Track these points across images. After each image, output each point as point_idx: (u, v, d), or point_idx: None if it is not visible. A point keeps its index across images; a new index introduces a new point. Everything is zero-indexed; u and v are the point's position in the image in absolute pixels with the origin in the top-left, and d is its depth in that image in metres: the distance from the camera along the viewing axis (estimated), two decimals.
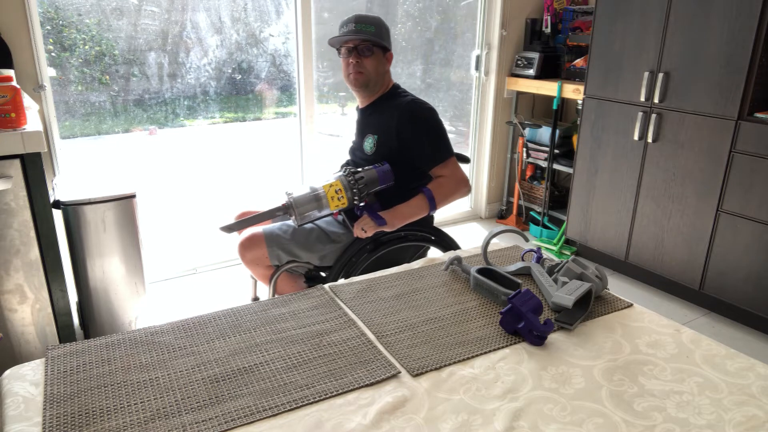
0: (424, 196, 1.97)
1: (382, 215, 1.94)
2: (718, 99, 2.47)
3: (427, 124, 1.99)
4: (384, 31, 2.03)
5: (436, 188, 1.99)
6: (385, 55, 2.05)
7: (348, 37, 1.97)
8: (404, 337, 1.39)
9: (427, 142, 1.98)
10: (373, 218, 1.93)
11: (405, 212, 1.98)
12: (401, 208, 1.98)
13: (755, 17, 2.29)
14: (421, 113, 2.00)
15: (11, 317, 1.87)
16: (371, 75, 2.01)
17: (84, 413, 1.12)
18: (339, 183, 1.89)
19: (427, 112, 2.01)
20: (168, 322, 1.45)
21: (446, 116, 3.94)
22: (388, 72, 2.08)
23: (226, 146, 3.30)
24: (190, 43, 2.91)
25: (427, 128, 1.99)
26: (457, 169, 2.02)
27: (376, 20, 2.02)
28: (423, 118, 1.99)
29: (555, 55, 3.54)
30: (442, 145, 2.01)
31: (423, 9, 3.55)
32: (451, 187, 2.01)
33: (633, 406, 1.16)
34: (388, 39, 2.05)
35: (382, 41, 2.00)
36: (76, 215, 2.05)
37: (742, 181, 2.44)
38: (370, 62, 1.99)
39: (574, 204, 3.25)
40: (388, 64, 2.07)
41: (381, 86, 2.06)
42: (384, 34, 2.03)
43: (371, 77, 2.01)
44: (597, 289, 1.57)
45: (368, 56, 1.98)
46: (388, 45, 2.04)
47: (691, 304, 2.82)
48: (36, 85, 2.42)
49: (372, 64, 2.00)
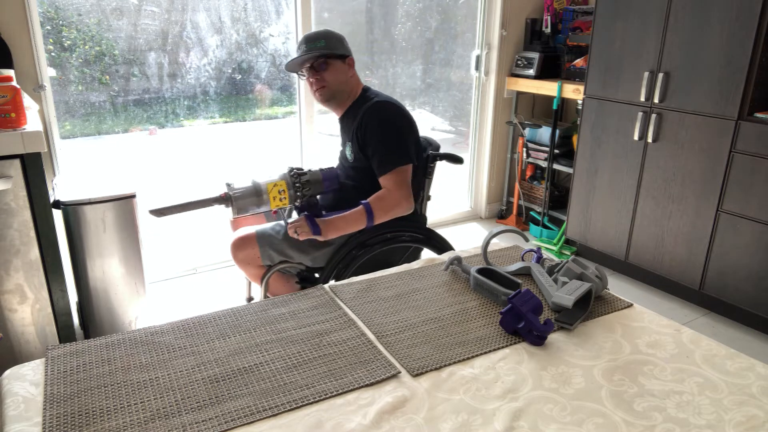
0: (363, 210, 1.90)
1: (318, 223, 1.90)
2: (718, 99, 2.47)
3: (382, 127, 1.92)
4: (335, 41, 1.99)
5: (375, 202, 1.91)
6: (345, 62, 2.01)
7: (301, 58, 1.97)
8: (404, 337, 1.39)
9: (378, 147, 1.92)
10: (310, 224, 1.89)
11: (340, 225, 1.92)
12: (337, 221, 1.92)
13: (755, 17, 2.29)
14: (378, 114, 1.94)
15: (11, 317, 1.87)
16: (334, 86, 1.99)
17: (84, 413, 1.12)
18: (283, 183, 1.86)
19: (385, 114, 1.94)
20: (168, 322, 1.45)
21: (446, 116, 3.94)
22: (353, 77, 2.05)
23: (226, 146, 3.30)
24: (190, 43, 2.91)
25: (382, 131, 1.92)
26: (401, 185, 1.92)
27: (323, 33, 1.99)
28: (380, 119, 1.93)
29: (555, 55, 3.54)
30: (393, 152, 1.91)
31: (423, 9, 3.55)
32: (391, 203, 1.92)
33: (633, 406, 1.16)
34: (343, 46, 2.01)
35: (335, 51, 1.97)
36: (76, 215, 2.05)
37: (742, 181, 2.44)
38: (329, 74, 1.98)
39: (574, 204, 3.25)
40: (351, 70, 2.03)
41: (349, 94, 2.04)
42: (335, 43, 1.99)
43: (335, 88, 2.00)
44: (597, 289, 1.57)
45: (325, 69, 1.98)
46: (344, 52, 2.00)
47: (691, 304, 2.83)
48: (36, 85, 2.42)
49: (332, 75, 1.98)
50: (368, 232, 2.00)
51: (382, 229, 2.02)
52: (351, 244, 1.99)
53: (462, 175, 4.02)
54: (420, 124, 2.08)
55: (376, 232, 2.01)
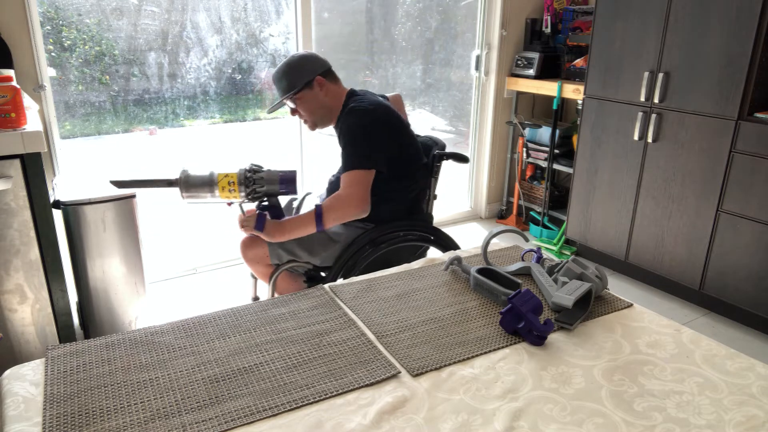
0: (313, 213, 1.88)
1: (268, 223, 1.89)
2: (718, 99, 2.47)
3: (347, 132, 1.92)
4: (294, 74, 1.96)
5: (326, 204, 1.89)
6: (312, 88, 1.98)
7: (275, 109, 2.06)
8: (404, 337, 1.39)
9: (343, 150, 1.93)
10: (258, 222, 1.88)
11: (287, 227, 1.90)
12: (285, 223, 1.90)
13: (755, 17, 2.29)
14: (346, 120, 1.94)
15: (11, 317, 1.87)
16: (313, 115, 2.02)
17: (84, 413, 1.12)
18: (234, 176, 1.87)
19: (351, 119, 1.92)
20: (168, 322, 1.45)
21: (446, 116, 3.94)
22: (329, 93, 2.01)
23: (226, 146, 3.30)
24: (190, 43, 2.91)
25: (347, 136, 1.92)
26: (354, 186, 1.88)
27: (282, 71, 1.98)
28: (347, 125, 1.93)
29: (555, 55, 3.54)
30: (351, 154, 1.90)
31: (423, 9, 3.55)
32: (339, 203, 1.88)
33: (633, 406, 1.16)
34: (303, 74, 1.97)
35: (297, 86, 1.96)
36: (76, 215, 2.05)
37: (742, 181, 2.44)
38: (302, 107, 2.01)
39: (574, 204, 3.25)
40: (323, 89, 1.99)
41: (331, 110, 2.03)
42: (295, 77, 1.96)
43: (315, 116, 2.03)
44: (597, 289, 1.57)
45: (298, 105, 2.00)
46: (306, 80, 1.96)
47: (691, 304, 2.83)
48: (36, 85, 2.42)
49: (305, 106, 2.00)
50: (377, 231, 1.99)
51: (390, 228, 2.02)
52: (359, 243, 1.99)
53: (462, 175, 4.02)
54: (420, 124, 2.08)
55: (385, 230, 2.01)
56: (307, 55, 2.04)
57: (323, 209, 1.88)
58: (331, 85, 2.02)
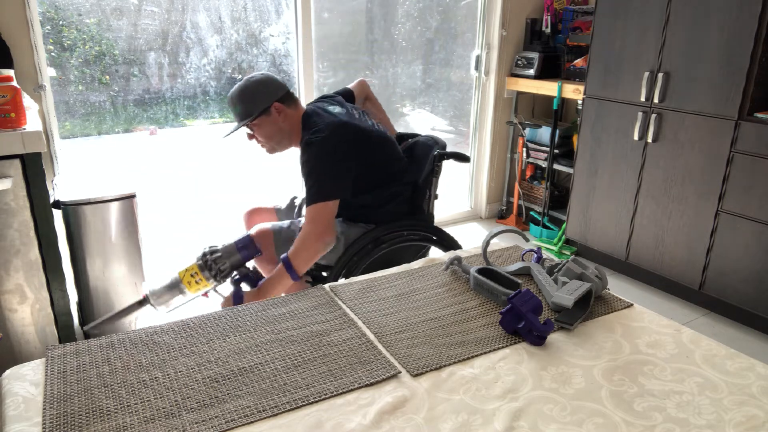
0: (282, 266, 1.84)
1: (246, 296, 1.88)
2: (718, 99, 2.47)
3: (305, 164, 1.87)
4: (248, 102, 1.92)
5: (293, 254, 1.83)
6: (269, 115, 1.94)
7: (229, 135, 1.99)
8: (404, 337, 1.39)
9: (304, 182, 1.88)
10: (235, 300, 1.87)
11: (267, 289, 1.86)
12: (264, 287, 1.87)
13: (755, 17, 2.29)
14: (303, 152, 1.88)
15: (11, 317, 1.87)
16: (270, 141, 1.99)
17: (84, 413, 1.12)
18: (195, 267, 1.87)
19: (307, 148, 1.86)
20: (168, 322, 1.45)
21: (446, 116, 3.94)
22: (287, 119, 1.96)
23: (227, 146, 3.30)
24: (190, 43, 2.91)
25: (305, 167, 1.87)
26: (314, 222, 1.82)
27: (237, 96, 1.92)
28: (305, 158, 1.87)
29: (555, 55, 3.54)
30: (310, 188, 1.84)
31: (423, 9, 3.55)
32: (306, 246, 1.82)
33: (633, 406, 1.16)
34: (259, 101, 1.92)
35: (253, 113, 1.92)
36: (76, 215, 2.05)
37: (742, 181, 2.44)
38: (259, 133, 1.98)
39: (574, 204, 3.25)
40: (280, 115, 1.94)
41: (290, 134, 1.99)
42: (250, 105, 1.92)
43: (272, 141, 1.99)
44: (597, 289, 1.57)
45: (254, 131, 1.98)
46: (263, 107, 1.92)
47: (691, 304, 2.83)
48: (36, 85, 2.42)
49: (262, 132, 1.97)
50: (379, 231, 2.00)
51: (392, 228, 2.02)
52: (360, 243, 1.99)
53: (462, 175, 4.02)
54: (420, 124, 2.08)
55: (386, 230, 2.01)
56: (264, 79, 1.95)
57: (290, 258, 1.83)
58: (289, 109, 1.96)
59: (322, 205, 1.83)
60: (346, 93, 2.26)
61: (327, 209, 1.84)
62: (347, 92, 2.27)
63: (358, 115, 2.05)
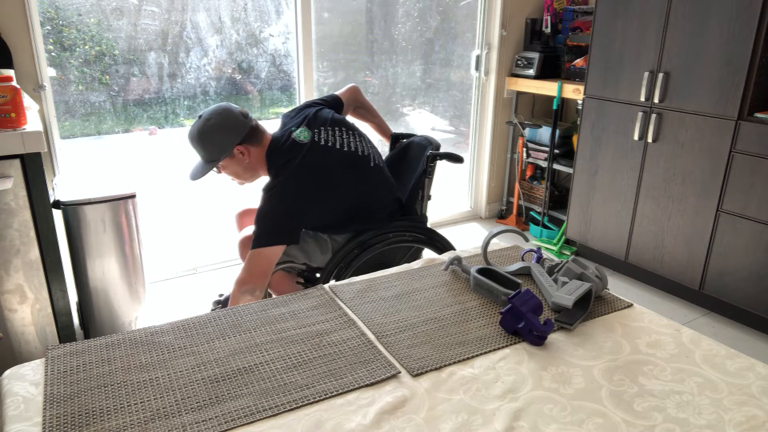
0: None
1: None
2: (718, 99, 2.47)
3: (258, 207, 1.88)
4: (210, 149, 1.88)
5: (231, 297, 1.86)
6: (233, 157, 1.91)
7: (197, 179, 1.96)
8: (404, 337, 1.39)
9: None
10: None
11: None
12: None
13: (755, 17, 2.29)
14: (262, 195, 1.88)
15: (11, 317, 1.87)
16: (239, 177, 1.99)
17: (84, 413, 1.12)
18: None
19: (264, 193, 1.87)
20: (168, 322, 1.45)
21: (446, 116, 3.94)
22: (253, 156, 1.93)
23: None
24: (190, 43, 2.91)
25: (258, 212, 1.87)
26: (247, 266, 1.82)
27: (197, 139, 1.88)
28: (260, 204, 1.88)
29: (555, 55, 3.54)
30: (254, 231, 1.84)
31: (423, 9, 3.55)
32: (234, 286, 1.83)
33: (633, 406, 1.16)
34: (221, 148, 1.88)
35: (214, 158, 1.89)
36: (76, 215, 2.05)
37: (742, 181, 2.44)
38: (227, 172, 1.97)
39: (574, 204, 3.25)
40: (244, 155, 1.91)
41: (258, 168, 1.97)
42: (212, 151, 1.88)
43: (241, 177, 1.99)
44: (597, 289, 1.57)
45: (222, 171, 1.97)
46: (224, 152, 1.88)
47: (691, 304, 2.82)
48: (36, 85, 2.42)
49: (229, 171, 1.96)
50: (368, 234, 2.00)
51: (382, 230, 2.02)
52: (352, 244, 1.99)
53: (462, 175, 4.02)
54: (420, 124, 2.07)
55: (378, 232, 2.01)
56: (222, 123, 1.87)
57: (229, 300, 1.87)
58: (252, 147, 1.92)
59: (256, 252, 1.82)
60: (334, 101, 2.17)
61: (261, 257, 1.82)
62: (335, 100, 2.18)
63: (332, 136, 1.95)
